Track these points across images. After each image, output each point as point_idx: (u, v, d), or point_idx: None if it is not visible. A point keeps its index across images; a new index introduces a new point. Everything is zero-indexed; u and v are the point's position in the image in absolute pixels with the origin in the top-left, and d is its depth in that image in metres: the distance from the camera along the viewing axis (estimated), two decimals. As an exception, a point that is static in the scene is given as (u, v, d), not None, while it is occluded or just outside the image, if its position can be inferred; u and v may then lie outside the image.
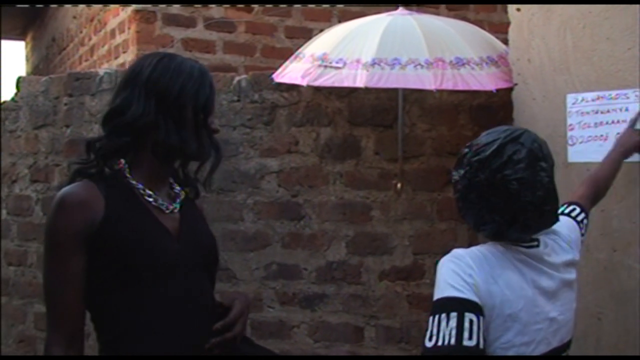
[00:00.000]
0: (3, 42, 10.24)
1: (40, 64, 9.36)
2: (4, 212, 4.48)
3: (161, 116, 1.79)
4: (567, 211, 2.18)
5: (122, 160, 1.84)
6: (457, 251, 1.76)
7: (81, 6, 6.82)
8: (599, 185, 2.47)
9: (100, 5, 6.14)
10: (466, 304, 1.65)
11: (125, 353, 1.75)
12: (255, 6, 5.47)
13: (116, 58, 5.67)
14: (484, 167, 1.78)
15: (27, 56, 10.73)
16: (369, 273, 3.84)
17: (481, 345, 1.63)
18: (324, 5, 5.64)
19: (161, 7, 5.20)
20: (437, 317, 1.66)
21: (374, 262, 3.84)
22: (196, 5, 5.28)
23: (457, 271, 1.69)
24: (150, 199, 1.83)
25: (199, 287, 1.85)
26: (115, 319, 1.76)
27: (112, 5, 5.77)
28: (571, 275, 1.93)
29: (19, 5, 8.41)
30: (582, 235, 2.14)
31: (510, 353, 1.71)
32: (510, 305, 1.72)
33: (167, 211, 1.85)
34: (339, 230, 3.86)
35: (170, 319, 1.77)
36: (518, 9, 3.32)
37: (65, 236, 1.71)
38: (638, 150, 2.77)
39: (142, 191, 1.82)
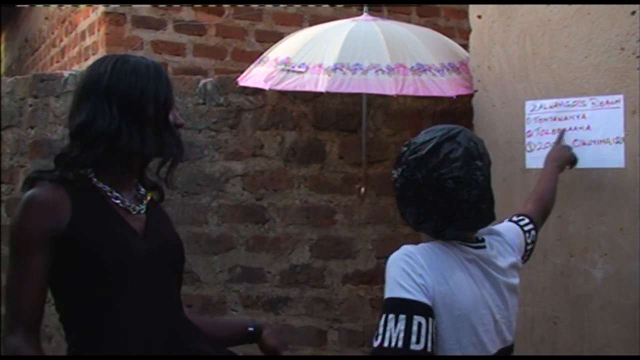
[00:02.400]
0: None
1: (13, 65, 9.30)
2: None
3: (124, 122, 1.80)
4: (515, 219, 2.21)
5: None
6: (408, 248, 1.74)
7: (53, 7, 6.79)
8: (545, 199, 2.50)
9: (71, 7, 6.12)
10: (415, 306, 1.65)
11: (94, 351, 1.76)
12: (226, 9, 5.47)
13: (86, 60, 5.65)
14: (420, 166, 1.79)
15: (0, 56, 10.65)
16: (332, 277, 3.85)
17: (429, 349, 1.63)
18: (296, 6, 5.64)
19: (131, 9, 5.19)
20: (385, 317, 1.66)
21: (338, 265, 3.85)
22: (164, 6, 5.26)
23: (408, 271, 1.68)
24: (117, 201, 1.84)
25: (166, 286, 1.86)
26: (84, 318, 1.78)
27: (82, 6, 5.75)
28: (515, 279, 1.94)
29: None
30: (528, 244, 2.16)
31: (459, 353, 1.72)
32: (460, 305, 1.72)
33: (134, 212, 1.86)
34: (303, 234, 3.87)
35: (138, 317, 1.78)
36: (479, 16, 3.36)
37: (30, 236, 1.72)
38: (569, 163, 2.88)
39: (108, 193, 1.84)
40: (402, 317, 1.64)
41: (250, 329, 2.08)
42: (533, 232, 2.21)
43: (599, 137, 2.89)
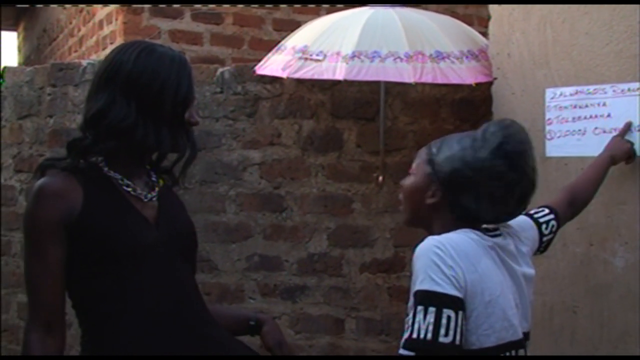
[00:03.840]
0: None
1: (32, 55, 9.34)
2: (-12, 201, 4.48)
3: (140, 116, 1.78)
4: (530, 212, 2.20)
5: None
6: (436, 239, 1.74)
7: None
8: (578, 190, 2.45)
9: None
10: (445, 299, 1.66)
11: (105, 340, 1.76)
12: (243, -2, 5.46)
13: (104, 49, 5.66)
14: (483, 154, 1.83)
15: (19, 47, 10.71)
16: (350, 265, 3.85)
17: (457, 342, 1.65)
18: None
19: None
20: (414, 309, 1.68)
21: (355, 254, 3.85)
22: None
23: (438, 262, 1.69)
24: (129, 189, 1.83)
25: (179, 273, 1.86)
26: (96, 306, 1.78)
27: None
28: (530, 269, 1.96)
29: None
30: (545, 235, 2.16)
31: (493, 338, 1.73)
32: (490, 291, 1.73)
33: (146, 200, 1.85)
34: (321, 223, 3.87)
35: (150, 306, 1.78)
36: (499, 3, 3.33)
37: (44, 226, 1.72)
38: (626, 157, 2.75)
39: (120, 181, 1.82)
40: (432, 309, 1.65)
41: (252, 322, 2.11)
42: (553, 223, 2.20)
43: (620, 125, 2.86)
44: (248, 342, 2.10)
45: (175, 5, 5.25)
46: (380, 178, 3.76)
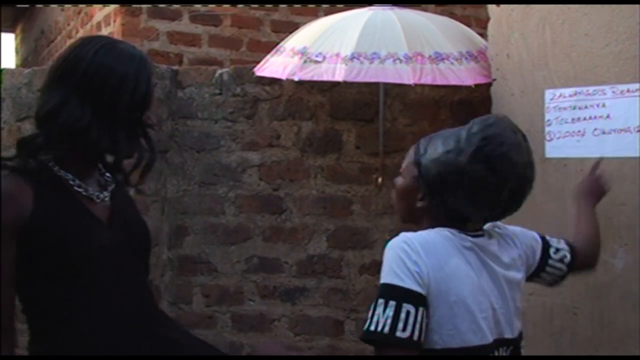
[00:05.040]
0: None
1: (30, 57, 9.32)
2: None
3: (95, 117, 1.69)
4: (547, 236, 2.15)
5: None
6: (406, 235, 1.72)
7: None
8: (593, 242, 2.35)
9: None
10: (406, 294, 1.64)
11: (59, 345, 1.69)
12: (241, -1, 5.46)
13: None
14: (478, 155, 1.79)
15: (16, 48, 10.69)
16: (349, 267, 3.85)
17: (415, 337, 1.63)
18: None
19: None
20: (377, 301, 1.66)
21: (355, 256, 3.85)
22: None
23: (403, 258, 1.66)
24: (80, 189, 1.75)
25: (133, 275, 1.81)
26: (51, 310, 1.70)
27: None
28: (517, 274, 1.90)
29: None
30: (552, 259, 2.10)
31: (457, 340, 1.70)
32: (456, 292, 1.70)
33: (98, 200, 1.78)
34: (320, 224, 3.87)
35: (106, 308, 1.72)
36: (498, 4, 3.33)
37: None
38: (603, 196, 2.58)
39: (71, 181, 1.74)
40: (392, 303, 1.63)
41: None
42: (565, 253, 2.13)
43: (619, 126, 2.86)
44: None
45: (173, 7, 5.24)
46: (380, 179, 3.76)
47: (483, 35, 3.74)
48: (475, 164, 1.75)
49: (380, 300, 1.65)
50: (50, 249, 1.67)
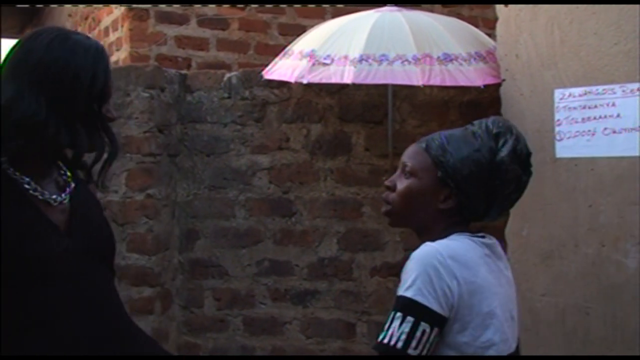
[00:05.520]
0: (1, 40, 10.23)
1: (38, 62, 9.34)
2: None
3: (52, 112, 1.59)
4: None
5: None
6: (436, 249, 1.68)
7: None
8: None
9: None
10: (426, 313, 1.62)
11: (23, 353, 1.59)
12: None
13: (110, 56, 5.66)
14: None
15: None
16: (360, 269, 3.85)
17: (423, 354, 1.63)
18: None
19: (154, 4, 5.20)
20: (394, 313, 1.64)
21: (366, 258, 3.85)
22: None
23: (432, 276, 1.63)
24: (36, 193, 1.65)
25: (96, 281, 1.71)
26: (8, 320, 1.59)
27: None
28: (509, 273, 1.90)
29: (18, 5, 8.41)
30: None
31: (491, 352, 1.68)
32: (487, 302, 1.69)
33: (55, 204, 1.68)
34: (330, 227, 3.87)
35: (65, 316, 1.62)
36: (506, 4, 3.32)
37: None
38: None
39: (26, 185, 1.64)
40: (410, 319, 1.62)
41: None
42: None
43: (630, 125, 2.85)
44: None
45: (181, 11, 5.25)
46: (389, 181, 3.74)
47: (491, 35, 3.73)
48: (513, 164, 1.75)
49: (399, 314, 1.63)
50: (3, 258, 1.56)
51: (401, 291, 1.66)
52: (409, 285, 1.64)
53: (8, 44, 10.82)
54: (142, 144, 3.70)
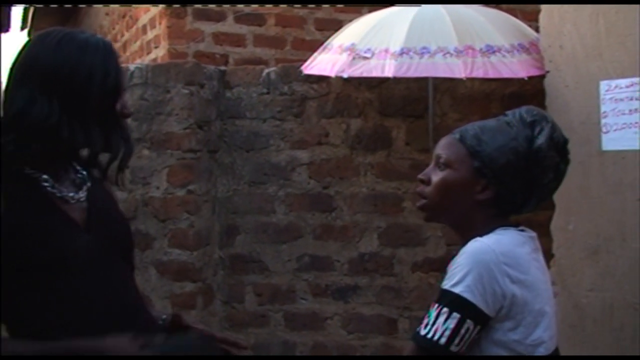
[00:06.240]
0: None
1: (75, 61, 9.44)
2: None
3: (65, 113, 1.58)
4: None
5: None
6: (490, 247, 1.65)
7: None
8: None
9: (131, 1, 6.18)
10: (472, 311, 1.60)
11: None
12: (285, -2, 5.46)
13: (148, 54, 5.70)
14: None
15: (62, 54, 10.86)
16: (401, 264, 3.82)
17: (462, 351, 1.62)
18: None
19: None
20: (440, 308, 1.62)
21: (407, 253, 3.82)
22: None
23: (483, 275, 1.61)
24: (54, 190, 1.65)
25: (116, 277, 1.71)
26: (27, 320, 1.59)
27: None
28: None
29: (52, 5, 8.51)
30: None
31: (541, 349, 1.67)
32: (539, 300, 1.68)
33: (73, 201, 1.67)
34: (371, 222, 3.85)
35: (86, 314, 1.61)
36: (548, -3, 3.27)
37: None
38: None
39: (44, 183, 1.64)
40: (456, 315, 1.60)
41: (160, 322, 1.85)
42: None
43: (678, 115, 2.79)
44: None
45: (218, 8, 5.26)
46: (431, 176, 3.71)
47: (531, 27, 3.68)
48: (550, 151, 1.72)
49: (445, 309, 1.61)
50: (24, 256, 1.56)
51: (448, 286, 1.63)
52: (458, 281, 1.62)
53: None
54: (182, 140, 3.71)
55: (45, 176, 1.64)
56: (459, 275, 1.62)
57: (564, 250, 3.16)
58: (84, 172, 1.75)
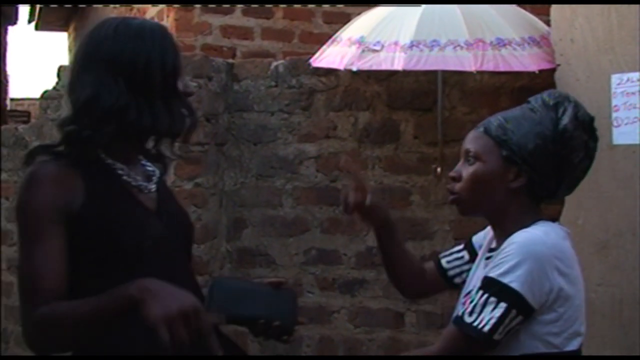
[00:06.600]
0: (46, 33, 10.37)
1: (83, 54, 9.43)
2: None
3: (131, 94, 1.64)
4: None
5: None
6: (545, 241, 1.66)
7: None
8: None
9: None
10: (520, 302, 1.61)
11: (109, 339, 1.58)
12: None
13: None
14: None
15: (69, 47, 10.86)
16: (409, 258, 3.80)
17: (501, 339, 1.64)
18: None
19: (199, -6, 5.21)
20: (487, 297, 1.63)
21: (415, 247, 3.79)
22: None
23: (533, 267, 1.62)
24: (130, 179, 1.71)
25: (183, 266, 1.77)
26: None
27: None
28: None
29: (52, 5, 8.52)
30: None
31: (575, 342, 1.68)
32: (579, 295, 1.70)
33: (146, 191, 1.74)
34: (379, 216, 3.83)
35: None
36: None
37: (42, 212, 1.57)
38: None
39: (120, 171, 1.70)
40: (503, 305, 1.61)
41: None
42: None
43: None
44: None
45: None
46: (439, 169, 3.69)
47: (541, 20, 3.65)
48: (577, 130, 1.72)
49: (492, 299, 1.62)
50: (103, 241, 1.61)
51: (495, 274, 1.64)
52: (507, 270, 1.63)
53: (54, 36, 10.98)
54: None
55: (120, 165, 1.70)
56: (508, 264, 1.63)
57: (573, 244, 3.13)
58: (150, 166, 1.81)
